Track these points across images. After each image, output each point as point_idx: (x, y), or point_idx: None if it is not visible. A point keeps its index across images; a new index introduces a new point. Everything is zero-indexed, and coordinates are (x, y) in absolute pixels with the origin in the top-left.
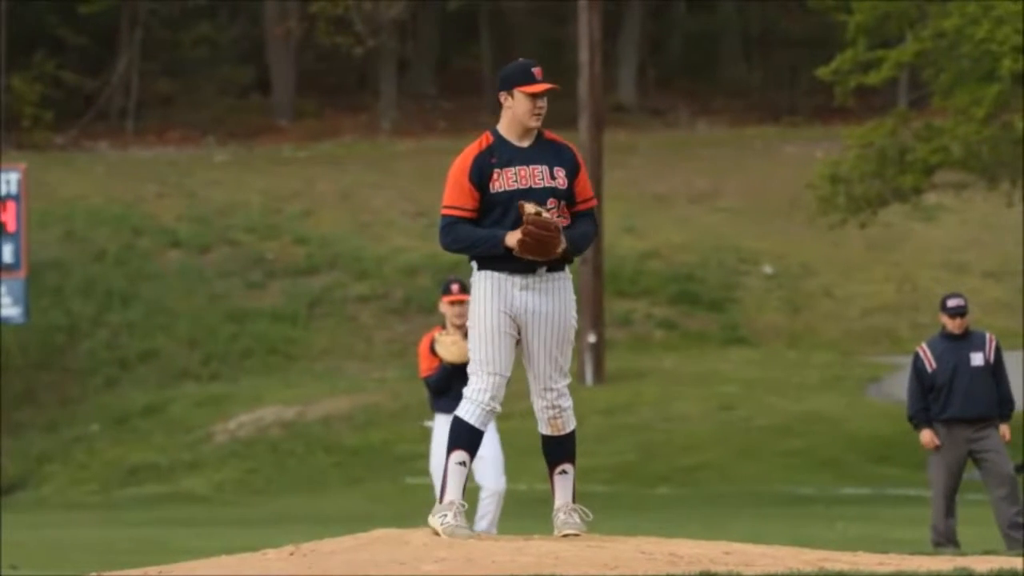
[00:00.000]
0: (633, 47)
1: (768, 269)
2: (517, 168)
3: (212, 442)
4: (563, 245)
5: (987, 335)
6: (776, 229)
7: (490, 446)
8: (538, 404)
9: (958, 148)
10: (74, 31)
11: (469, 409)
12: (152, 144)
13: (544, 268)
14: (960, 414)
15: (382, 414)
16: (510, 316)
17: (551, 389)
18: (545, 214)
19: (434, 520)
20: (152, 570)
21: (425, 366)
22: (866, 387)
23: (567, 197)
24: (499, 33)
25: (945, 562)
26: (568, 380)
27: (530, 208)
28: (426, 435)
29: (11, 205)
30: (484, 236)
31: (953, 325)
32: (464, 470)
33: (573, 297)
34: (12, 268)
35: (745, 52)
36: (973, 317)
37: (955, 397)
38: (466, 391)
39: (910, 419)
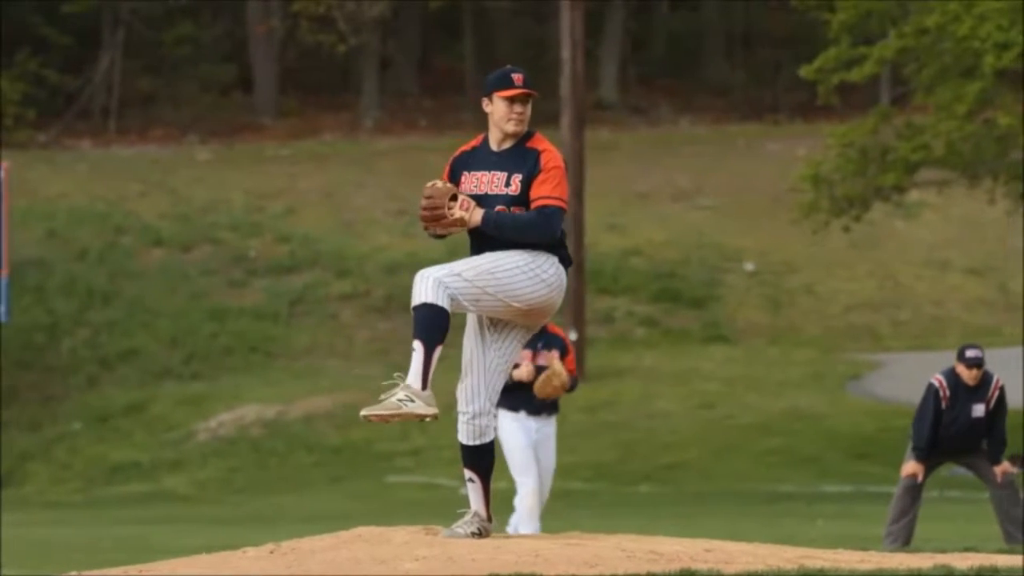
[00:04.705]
0: (616, 45)
1: (750, 266)
2: (481, 173)
3: (194, 441)
4: (456, 213)
5: (993, 381)
6: (758, 226)
7: (544, 457)
8: None
9: (940, 146)
10: (57, 30)
11: (458, 428)
12: (134, 142)
13: None
14: (948, 450)
15: None
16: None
17: (438, 265)
18: (440, 184)
19: (455, 525)
20: (133, 569)
21: None
22: (847, 384)
23: (523, 203)
24: (481, 32)
25: (925, 559)
26: (446, 271)
27: (428, 184)
28: (399, 436)
29: None
30: None
31: (969, 376)
32: (474, 485)
33: (531, 260)
34: None
35: (728, 50)
36: (954, 314)
37: (949, 438)
38: None
39: (916, 448)
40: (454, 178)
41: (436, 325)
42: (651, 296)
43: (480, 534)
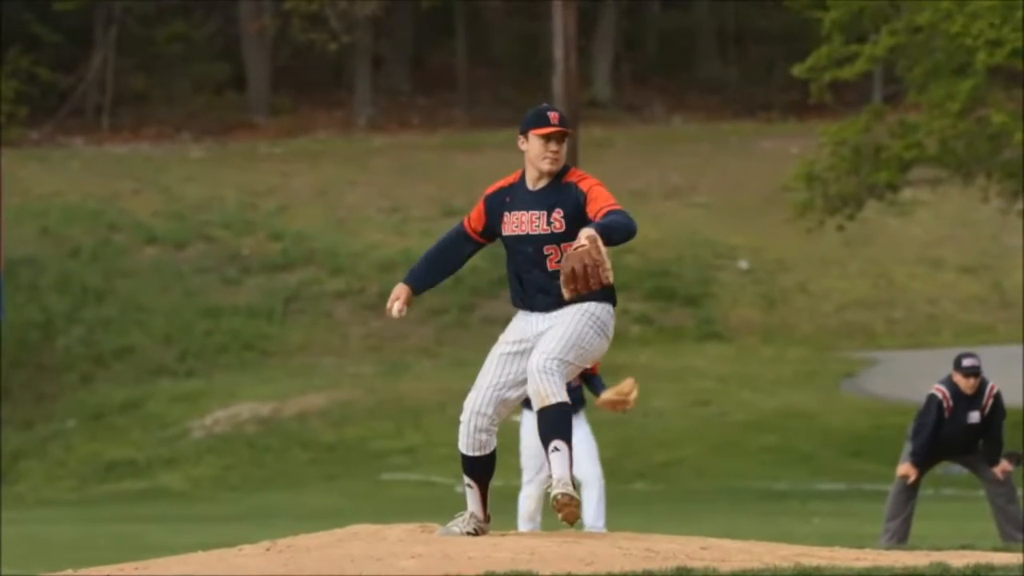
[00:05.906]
0: (608, 43)
1: (743, 264)
2: (520, 213)
3: (188, 438)
4: (582, 237)
5: (988, 388)
6: (751, 224)
7: (581, 437)
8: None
9: (933, 144)
10: (49, 28)
11: (459, 436)
12: (127, 140)
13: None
14: (943, 452)
15: (358, 410)
16: (519, 338)
17: (540, 352)
18: (581, 247)
19: (451, 523)
20: (128, 566)
21: None
22: (841, 382)
23: (569, 238)
24: (474, 29)
25: (921, 557)
26: (557, 359)
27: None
28: (394, 433)
29: None
30: (418, 263)
31: (966, 385)
32: (472, 490)
33: (595, 317)
34: None
35: (720, 48)
36: (948, 312)
37: (945, 443)
38: None
39: (914, 453)
40: (491, 217)
41: (570, 421)
42: (645, 294)
43: (476, 534)
